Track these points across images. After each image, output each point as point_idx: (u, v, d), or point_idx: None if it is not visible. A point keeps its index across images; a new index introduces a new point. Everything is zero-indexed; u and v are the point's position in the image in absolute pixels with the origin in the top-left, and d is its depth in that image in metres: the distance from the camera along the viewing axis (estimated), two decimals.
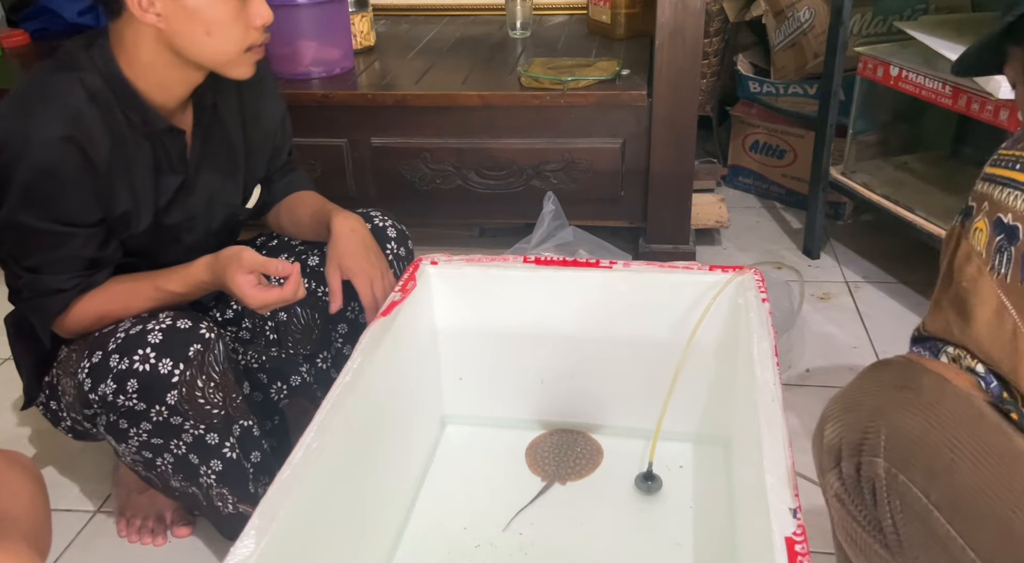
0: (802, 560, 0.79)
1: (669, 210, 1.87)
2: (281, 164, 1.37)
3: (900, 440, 0.68)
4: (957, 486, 0.66)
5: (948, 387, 0.70)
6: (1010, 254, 0.68)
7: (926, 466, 0.67)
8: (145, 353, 1.05)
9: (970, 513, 0.65)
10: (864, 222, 2.14)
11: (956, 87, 1.55)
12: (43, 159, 1.02)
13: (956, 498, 0.66)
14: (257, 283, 1.10)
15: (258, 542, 0.83)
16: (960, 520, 0.66)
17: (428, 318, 1.34)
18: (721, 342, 1.28)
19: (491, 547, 1.22)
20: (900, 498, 0.69)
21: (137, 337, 1.06)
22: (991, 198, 0.71)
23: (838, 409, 0.75)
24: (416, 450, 1.34)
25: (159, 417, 1.07)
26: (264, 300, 1.10)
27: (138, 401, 1.06)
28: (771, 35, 2.11)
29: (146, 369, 1.05)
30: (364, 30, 2.05)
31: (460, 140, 1.84)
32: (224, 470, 1.14)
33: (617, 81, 1.80)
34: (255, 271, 1.10)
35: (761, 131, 2.23)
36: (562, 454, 1.38)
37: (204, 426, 1.11)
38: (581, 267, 1.29)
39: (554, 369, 1.37)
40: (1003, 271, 0.69)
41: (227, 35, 1.06)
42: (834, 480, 0.75)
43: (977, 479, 0.65)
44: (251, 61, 1.11)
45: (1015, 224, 0.68)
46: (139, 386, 1.05)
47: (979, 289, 0.70)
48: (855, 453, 0.71)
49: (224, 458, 1.14)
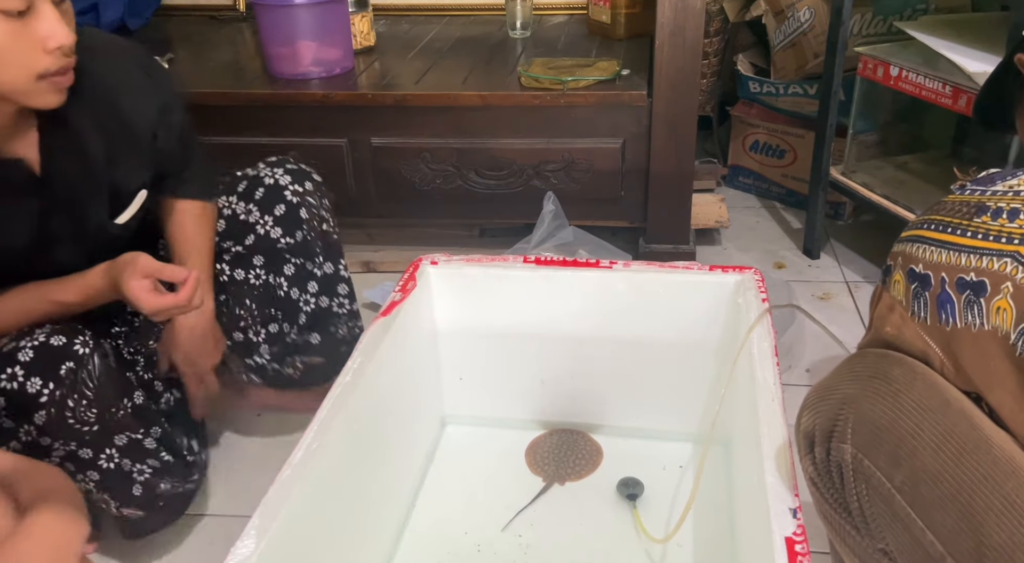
0: (802, 560, 0.79)
1: (669, 210, 1.87)
2: (176, 166, 1.26)
3: (866, 427, 0.73)
4: (919, 472, 0.70)
5: (918, 377, 0.74)
6: (926, 299, 0.75)
7: (890, 452, 0.71)
8: (14, 371, 1.01)
9: (930, 497, 0.69)
10: (864, 222, 2.14)
11: (956, 87, 1.55)
12: None
13: (918, 483, 0.70)
14: (152, 288, 1.06)
15: (258, 542, 0.83)
16: (921, 504, 0.70)
17: (428, 318, 1.34)
18: (721, 342, 1.28)
19: (491, 547, 1.22)
20: (866, 482, 0.73)
21: (8, 355, 1.02)
22: (904, 253, 0.78)
23: (814, 398, 0.80)
24: (416, 450, 1.34)
25: (27, 436, 1.04)
26: (158, 305, 1.06)
27: (6, 418, 1.03)
28: (771, 35, 2.11)
29: (14, 387, 1.01)
30: (364, 30, 2.05)
31: (460, 140, 1.84)
32: (101, 480, 1.12)
33: (617, 81, 1.80)
34: (151, 276, 1.07)
35: (761, 131, 2.23)
36: (562, 454, 1.38)
37: (75, 443, 1.07)
38: (581, 267, 1.29)
39: (554, 369, 1.37)
40: (922, 315, 0.75)
41: (9, 63, 0.93)
42: (808, 465, 0.80)
43: (938, 465, 0.69)
44: (52, 89, 0.98)
45: (926, 272, 0.75)
46: (7, 404, 1.01)
47: (904, 335, 0.77)
48: (826, 439, 0.76)
49: (101, 469, 1.11)
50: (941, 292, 0.73)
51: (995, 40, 1.59)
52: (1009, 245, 0.70)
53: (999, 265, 0.70)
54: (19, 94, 0.96)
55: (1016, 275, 0.68)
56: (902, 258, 0.78)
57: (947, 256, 0.73)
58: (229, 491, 1.36)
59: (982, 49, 1.55)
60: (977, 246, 0.71)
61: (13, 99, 0.97)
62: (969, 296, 0.71)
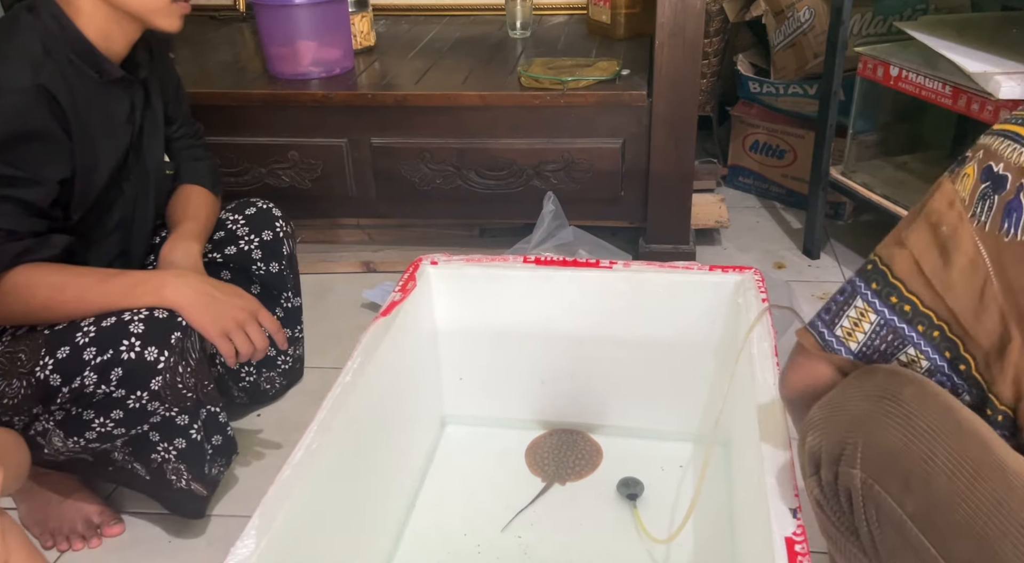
0: (802, 560, 0.79)
1: (669, 210, 1.87)
2: (176, 139, 1.39)
3: (877, 451, 0.70)
4: (932, 498, 0.67)
5: (929, 397, 0.70)
6: (993, 202, 0.68)
7: (902, 477, 0.68)
8: (131, 342, 1.07)
9: (944, 525, 0.66)
10: (864, 222, 2.14)
11: (956, 87, 1.55)
12: (13, 106, 1.04)
13: (931, 510, 0.67)
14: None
15: (258, 542, 0.83)
16: (934, 532, 0.67)
17: (428, 318, 1.34)
18: (721, 342, 1.28)
19: (491, 547, 1.22)
20: (876, 508, 0.70)
21: (116, 328, 1.08)
22: (988, 147, 0.71)
23: (820, 417, 0.76)
24: (416, 450, 1.34)
25: (136, 403, 1.09)
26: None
27: (117, 389, 1.07)
28: (771, 35, 2.11)
29: (131, 357, 1.07)
30: (364, 30, 2.05)
31: (460, 140, 1.84)
32: (186, 449, 1.18)
33: (617, 81, 1.80)
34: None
35: (761, 131, 2.22)
36: (562, 454, 1.38)
37: (177, 409, 1.14)
38: (581, 267, 1.29)
39: (554, 369, 1.37)
40: (983, 219, 0.70)
41: None
42: (814, 486, 0.76)
43: (952, 491, 0.66)
44: (178, 13, 1.16)
45: (1005, 174, 0.68)
46: (123, 374, 1.07)
47: (959, 237, 0.71)
48: (834, 462, 0.73)
49: (189, 438, 1.17)
50: (1013, 198, 0.68)
51: (995, 40, 1.59)
52: None
53: None
54: (154, 13, 1.14)
55: None
56: (984, 152, 0.72)
57: None
58: (229, 491, 1.36)
59: (982, 49, 1.55)
60: None
61: (146, 19, 1.15)
62: None
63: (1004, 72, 1.47)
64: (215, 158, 1.47)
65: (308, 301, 1.59)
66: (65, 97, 1.09)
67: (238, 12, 2.42)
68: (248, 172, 1.91)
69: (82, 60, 1.13)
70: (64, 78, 1.10)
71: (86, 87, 1.14)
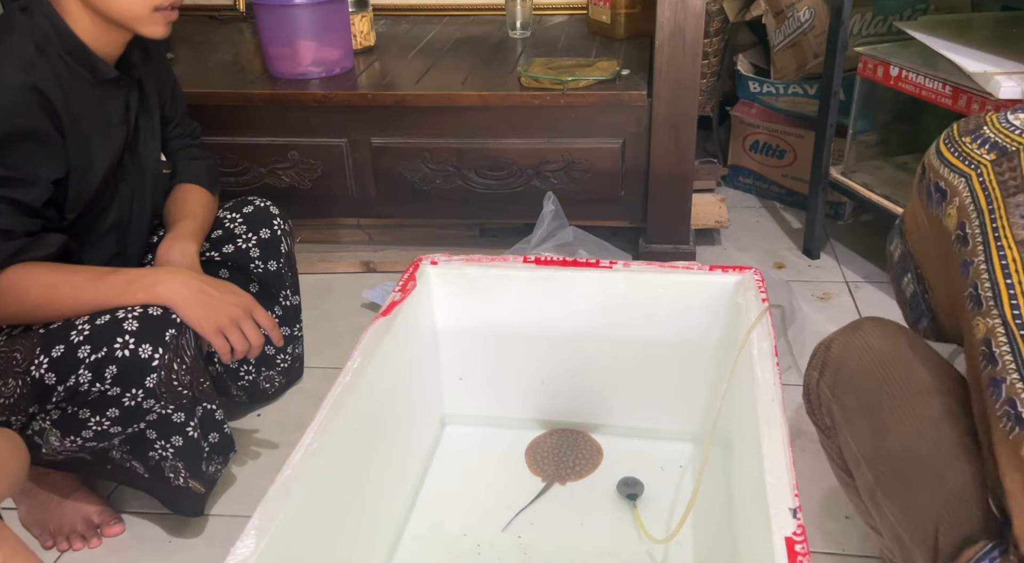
0: (802, 560, 0.79)
1: (669, 210, 1.87)
2: (173, 138, 1.40)
3: (833, 363, 0.95)
4: (856, 391, 0.92)
5: (879, 325, 0.95)
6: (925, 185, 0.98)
7: (844, 380, 0.94)
8: (125, 340, 1.07)
9: (853, 407, 0.92)
10: (864, 222, 2.14)
11: (956, 87, 1.55)
12: (5, 106, 1.05)
13: (847, 395, 0.93)
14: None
15: (258, 542, 0.83)
16: (846, 415, 0.93)
17: (428, 318, 1.34)
18: (721, 342, 1.28)
19: (491, 547, 1.22)
20: (827, 402, 0.96)
21: (110, 326, 1.08)
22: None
23: (822, 348, 1.00)
24: (416, 450, 1.34)
25: (132, 401, 1.09)
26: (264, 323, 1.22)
27: (112, 387, 1.07)
28: (771, 35, 2.11)
29: (126, 355, 1.07)
30: (364, 30, 2.05)
31: (460, 140, 1.84)
32: (183, 446, 1.18)
33: (617, 81, 1.80)
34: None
35: (761, 131, 2.23)
36: (562, 454, 1.38)
37: (173, 406, 1.13)
38: (581, 267, 1.29)
39: (554, 369, 1.37)
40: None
41: None
42: (812, 383, 1.00)
43: (868, 385, 0.91)
44: (162, 20, 1.16)
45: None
46: (117, 371, 1.07)
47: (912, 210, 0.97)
48: (815, 372, 0.99)
49: (186, 436, 1.18)
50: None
51: (995, 40, 1.59)
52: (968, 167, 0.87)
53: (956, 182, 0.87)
54: (136, 21, 1.14)
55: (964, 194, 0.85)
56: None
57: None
58: (229, 491, 1.36)
59: (982, 49, 1.55)
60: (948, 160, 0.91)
61: (129, 26, 1.15)
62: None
63: (1004, 72, 1.47)
64: (212, 157, 1.47)
65: (308, 301, 1.59)
66: (58, 97, 1.10)
67: (238, 12, 2.42)
68: (248, 172, 1.91)
69: (75, 60, 1.13)
70: (57, 78, 1.10)
71: (80, 87, 1.14)
